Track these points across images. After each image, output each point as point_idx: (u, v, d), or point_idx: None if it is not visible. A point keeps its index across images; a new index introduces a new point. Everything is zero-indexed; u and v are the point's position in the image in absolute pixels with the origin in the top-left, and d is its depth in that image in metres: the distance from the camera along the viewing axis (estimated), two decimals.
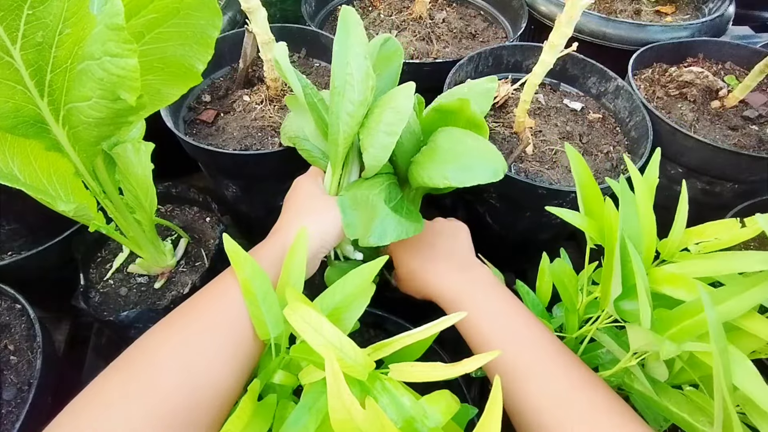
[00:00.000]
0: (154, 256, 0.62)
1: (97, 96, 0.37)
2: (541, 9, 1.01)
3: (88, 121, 0.40)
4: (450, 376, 0.34)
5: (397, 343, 0.36)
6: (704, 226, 0.43)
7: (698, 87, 0.81)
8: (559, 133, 0.75)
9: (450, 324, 0.36)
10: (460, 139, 0.46)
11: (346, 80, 0.42)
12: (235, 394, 0.37)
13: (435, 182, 0.44)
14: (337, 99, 0.43)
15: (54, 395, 0.57)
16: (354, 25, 0.43)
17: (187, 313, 0.38)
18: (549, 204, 0.48)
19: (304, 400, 0.34)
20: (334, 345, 0.34)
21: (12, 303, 0.63)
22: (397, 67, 0.51)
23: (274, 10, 0.99)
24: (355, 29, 0.43)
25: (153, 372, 0.33)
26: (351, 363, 0.33)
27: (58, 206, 0.46)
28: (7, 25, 0.33)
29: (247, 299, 0.38)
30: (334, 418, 0.30)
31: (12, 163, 0.46)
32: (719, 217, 0.45)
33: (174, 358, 0.34)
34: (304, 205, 0.49)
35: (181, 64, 0.46)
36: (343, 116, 0.43)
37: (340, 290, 0.40)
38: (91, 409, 0.32)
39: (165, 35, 0.43)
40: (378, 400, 0.33)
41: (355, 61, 0.42)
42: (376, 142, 0.43)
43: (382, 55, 0.50)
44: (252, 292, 0.38)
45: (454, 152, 0.45)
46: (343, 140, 0.45)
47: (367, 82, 0.43)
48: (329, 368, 0.30)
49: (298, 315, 0.35)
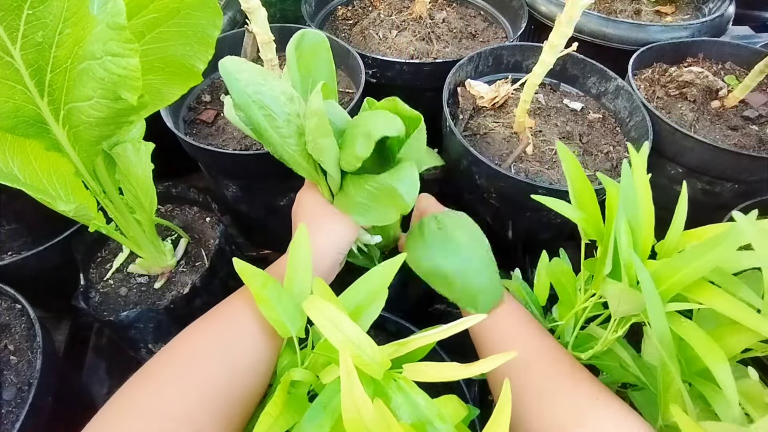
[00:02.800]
0: (154, 256, 0.62)
1: (98, 96, 0.37)
2: (541, 9, 1.01)
3: (89, 120, 0.40)
4: (465, 376, 0.34)
5: (413, 343, 0.36)
6: (703, 229, 0.43)
7: (698, 87, 0.81)
8: (559, 133, 0.75)
9: (466, 327, 0.35)
10: (366, 118, 0.47)
11: (261, 119, 0.43)
12: (265, 382, 0.39)
13: (350, 163, 0.45)
14: (269, 134, 0.44)
15: (54, 395, 0.57)
16: (238, 71, 0.43)
17: (207, 319, 0.41)
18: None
19: (320, 399, 0.34)
20: (352, 342, 0.34)
21: (12, 303, 0.63)
22: (325, 55, 0.51)
23: (274, 10, 0.99)
24: (240, 74, 0.43)
25: (193, 354, 0.36)
26: (368, 361, 0.33)
27: (58, 206, 0.46)
28: (7, 24, 0.33)
29: (263, 306, 0.38)
30: (347, 417, 0.30)
31: (12, 163, 0.46)
32: (719, 217, 0.45)
33: (212, 343, 0.38)
34: (313, 220, 0.49)
35: (181, 64, 0.46)
36: (286, 141, 0.45)
37: (363, 287, 0.41)
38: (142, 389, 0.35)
39: (166, 35, 0.43)
40: (392, 399, 0.33)
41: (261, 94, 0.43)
42: (319, 148, 0.45)
43: (305, 49, 0.49)
44: (266, 298, 0.38)
45: (358, 128, 0.46)
46: (301, 158, 0.47)
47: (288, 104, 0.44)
48: (344, 365, 0.31)
49: (317, 310, 0.35)
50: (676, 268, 0.35)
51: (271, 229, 0.90)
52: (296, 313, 0.39)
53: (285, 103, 0.44)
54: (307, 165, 0.48)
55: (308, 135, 0.44)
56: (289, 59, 0.49)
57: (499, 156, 0.72)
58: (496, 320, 0.47)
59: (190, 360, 0.36)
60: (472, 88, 0.79)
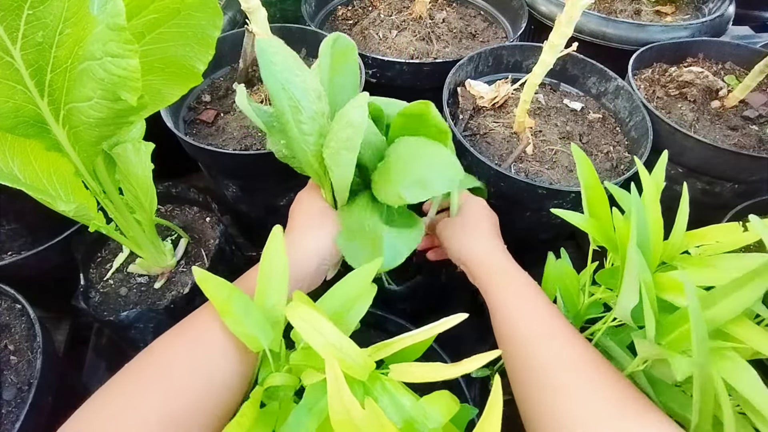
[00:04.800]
0: (154, 256, 0.62)
1: (98, 96, 0.37)
2: (541, 9, 1.01)
3: (89, 121, 0.40)
4: (450, 377, 0.34)
5: (398, 344, 0.36)
6: (705, 230, 0.43)
7: (698, 87, 0.81)
8: (559, 133, 0.75)
9: (451, 326, 0.36)
10: (415, 152, 0.46)
11: (287, 109, 0.42)
12: (240, 394, 0.37)
13: (391, 201, 0.44)
14: (290, 126, 0.43)
15: (54, 395, 0.57)
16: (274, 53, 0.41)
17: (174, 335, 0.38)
18: (549, 204, 0.48)
19: (304, 401, 0.34)
20: (334, 345, 0.33)
21: (12, 303, 0.63)
22: (353, 62, 0.50)
23: (274, 10, 0.99)
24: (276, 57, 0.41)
25: (164, 373, 0.34)
26: (351, 363, 0.33)
27: (58, 206, 0.46)
28: (7, 25, 0.33)
29: (229, 320, 0.36)
30: (334, 418, 0.30)
31: (12, 163, 0.46)
32: (719, 217, 0.45)
33: (183, 361, 0.35)
34: (303, 222, 0.49)
35: (181, 65, 0.46)
36: (306, 138, 0.44)
37: (339, 293, 0.40)
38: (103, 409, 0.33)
39: (166, 35, 0.43)
40: (378, 401, 0.33)
41: (293, 85, 0.41)
42: (339, 160, 0.43)
43: (337, 52, 0.49)
44: (231, 312, 0.36)
45: (408, 167, 0.45)
46: (314, 159, 0.45)
47: (317, 102, 0.43)
48: (329, 369, 0.30)
49: (298, 315, 0.35)
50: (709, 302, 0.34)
51: (271, 229, 0.90)
52: (268, 325, 0.37)
53: (314, 100, 0.43)
54: (318, 167, 0.46)
55: (332, 142, 0.43)
56: (322, 58, 0.47)
57: (499, 156, 0.72)
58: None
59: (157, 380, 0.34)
60: (472, 88, 0.79)
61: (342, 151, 0.42)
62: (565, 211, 0.44)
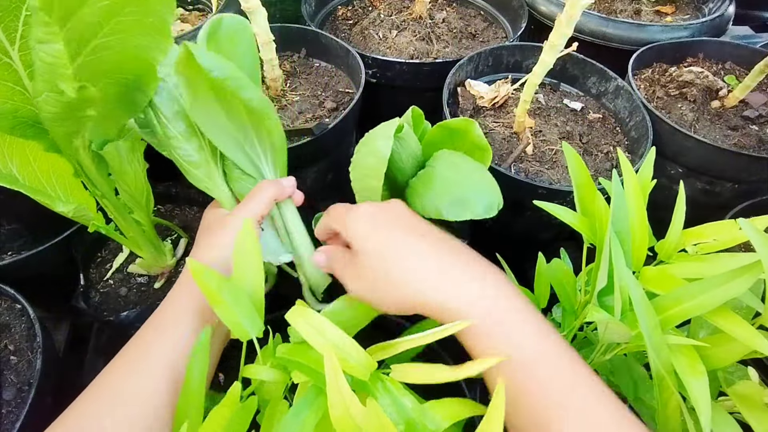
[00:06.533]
0: (154, 256, 0.62)
1: (47, 90, 0.35)
2: (541, 9, 1.01)
3: (50, 117, 0.38)
4: (452, 379, 0.33)
5: (400, 345, 0.36)
6: (703, 227, 0.43)
7: (698, 87, 0.81)
8: (559, 133, 0.75)
9: (455, 331, 0.35)
10: (458, 168, 0.45)
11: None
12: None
13: (428, 214, 0.44)
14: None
15: (54, 395, 0.57)
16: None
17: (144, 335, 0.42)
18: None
19: (303, 397, 0.34)
20: (336, 345, 0.34)
21: (12, 303, 0.63)
22: (248, 44, 0.47)
23: (274, 10, 0.99)
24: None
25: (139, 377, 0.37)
26: (353, 363, 0.33)
27: (57, 207, 0.46)
28: (6, 26, 0.33)
29: (219, 309, 0.36)
30: (334, 414, 0.30)
31: (11, 164, 0.46)
32: (719, 217, 0.45)
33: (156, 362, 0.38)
34: (202, 235, 0.51)
35: (143, 58, 0.43)
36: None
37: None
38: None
39: (123, 24, 0.39)
40: (379, 401, 0.33)
41: None
42: (365, 185, 0.43)
43: (223, 39, 0.44)
44: (222, 300, 0.36)
45: (450, 183, 0.44)
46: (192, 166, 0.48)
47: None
48: (328, 364, 0.30)
49: (300, 317, 0.35)
50: (677, 300, 0.34)
51: None
52: (254, 314, 0.37)
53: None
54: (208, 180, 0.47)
55: (359, 169, 0.43)
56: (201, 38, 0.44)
57: (499, 156, 0.72)
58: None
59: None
60: (472, 88, 0.79)
61: (368, 179, 0.43)
62: (552, 205, 0.43)
